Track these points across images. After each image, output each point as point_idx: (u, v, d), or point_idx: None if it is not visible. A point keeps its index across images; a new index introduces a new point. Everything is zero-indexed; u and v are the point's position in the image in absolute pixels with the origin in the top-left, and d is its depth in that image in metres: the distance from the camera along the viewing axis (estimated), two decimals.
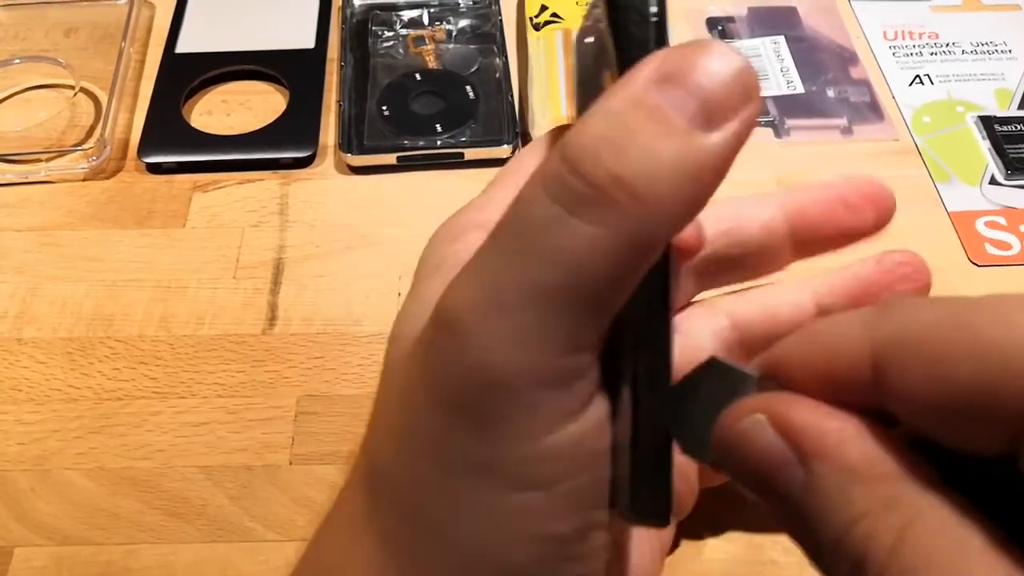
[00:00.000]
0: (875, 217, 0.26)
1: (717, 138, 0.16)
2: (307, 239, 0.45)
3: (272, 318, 0.42)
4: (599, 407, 0.19)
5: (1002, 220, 0.46)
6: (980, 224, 0.46)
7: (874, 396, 0.16)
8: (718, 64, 0.16)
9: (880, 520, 0.15)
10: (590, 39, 0.22)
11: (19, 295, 0.43)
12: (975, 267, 0.44)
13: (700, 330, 0.27)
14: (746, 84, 0.17)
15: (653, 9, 0.18)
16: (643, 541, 0.25)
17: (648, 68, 0.17)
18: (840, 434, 0.16)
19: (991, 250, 0.45)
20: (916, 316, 0.16)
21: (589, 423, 0.19)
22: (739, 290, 0.29)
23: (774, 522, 0.18)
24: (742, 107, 0.16)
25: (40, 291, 0.43)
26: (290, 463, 0.38)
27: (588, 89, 0.23)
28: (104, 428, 0.39)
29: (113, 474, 0.37)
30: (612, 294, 0.17)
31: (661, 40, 0.18)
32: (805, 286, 0.27)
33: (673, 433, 0.19)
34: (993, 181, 0.48)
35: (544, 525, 0.19)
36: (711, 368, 0.19)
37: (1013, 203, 0.47)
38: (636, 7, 0.18)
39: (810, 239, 0.27)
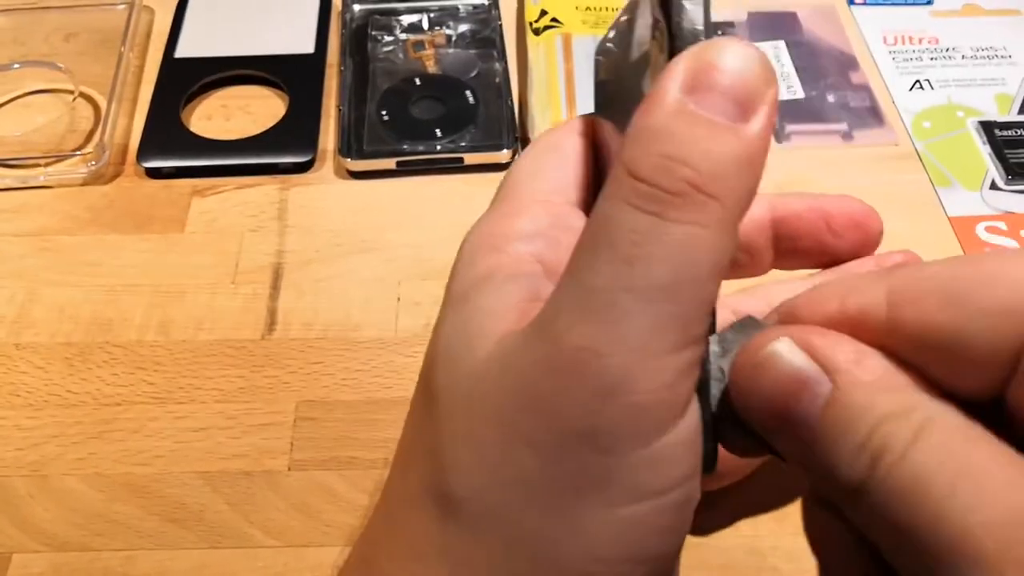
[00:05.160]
0: (857, 244, 0.27)
1: (755, 125, 0.18)
2: (306, 244, 0.45)
3: (271, 323, 0.42)
4: (695, 407, 0.20)
5: (1002, 225, 0.46)
6: (980, 229, 0.46)
7: (885, 338, 0.18)
8: (735, 61, 0.18)
9: (900, 421, 0.17)
10: (617, 42, 0.24)
11: (17, 300, 0.43)
12: None
13: None
14: (764, 71, 0.19)
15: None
16: None
17: (675, 79, 0.19)
18: (863, 351, 0.18)
19: None
20: (932, 263, 0.18)
21: (691, 423, 0.20)
22: (744, 289, 0.29)
23: (787, 467, 0.20)
24: (766, 91, 0.19)
25: (38, 296, 0.43)
26: (289, 469, 0.37)
27: (615, 87, 0.24)
28: (102, 434, 0.38)
29: (111, 480, 0.37)
30: (712, 285, 0.19)
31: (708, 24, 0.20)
32: (805, 285, 0.28)
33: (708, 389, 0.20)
34: (993, 186, 0.48)
35: (651, 540, 0.20)
36: (745, 325, 0.21)
37: (1014, 208, 0.47)
38: None
39: (789, 250, 0.27)
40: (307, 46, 0.53)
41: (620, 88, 0.24)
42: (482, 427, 0.20)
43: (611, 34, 0.25)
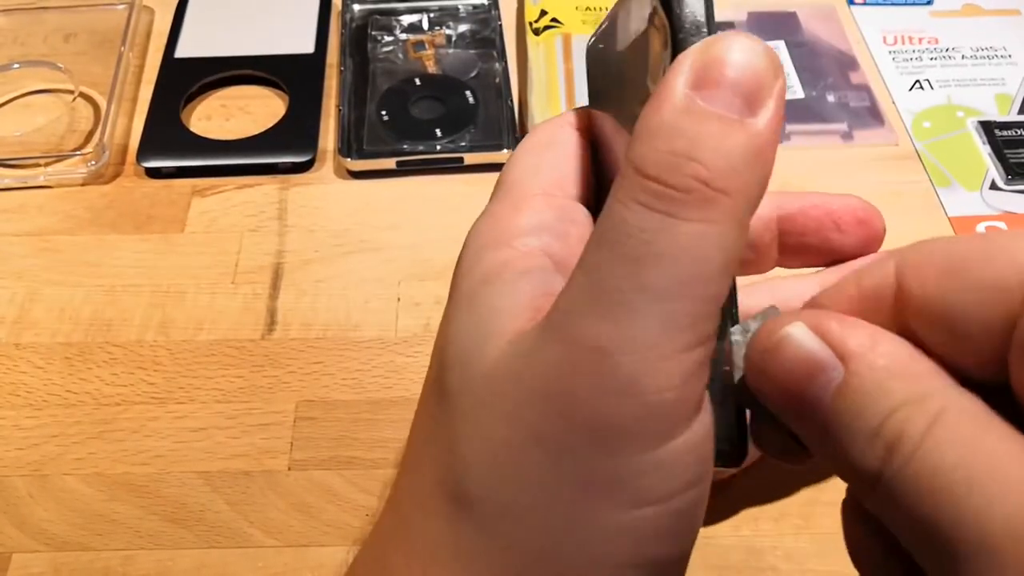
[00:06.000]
0: (861, 241, 0.27)
1: (764, 118, 0.18)
2: (306, 244, 0.45)
3: (271, 323, 0.42)
4: (706, 414, 0.20)
5: (1003, 225, 0.46)
6: (981, 229, 0.46)
7: (897, 314, 0.19)
8: (741, 55, 0.18)
9: (916, 408, 0.17)
10: (612, 33, 0.24)
11: (17, 300, 0.43)
12: None
13: None
14: (770, 63, 0.19)
15: None
16: None
17: (681, 75, 0.19)
18: (877, 336, 0.18)
19: None
20: (939, 238, 0.19)
21: (701, 429, 0.19)
22: (747, 285, 0.29)
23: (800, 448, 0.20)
24: (773, 84, 0.19)
25: (38, 296, 0.43)
26: (289, 468, 0.37)
27: (610, 79, 0.24)
28: (102, 433, 0.38)
29: (111, 480, 0.37)
30: (722, 282, 0.19)
31: (711, 19, 0.20)
32: (811, 280, 0.28)
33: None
34: (994, 186, 0.48)
35: (654, 546, 0.20)
36: (767, 313, 0.21)
37: (1014, 208, 0.47)
38: None
39: (795, 248, 0.27)
40: (307, 46, 0.53)
41: (616, 80, 0.23)
42: (497, 426, 0.20)
43: (604, 26, 0.24)
